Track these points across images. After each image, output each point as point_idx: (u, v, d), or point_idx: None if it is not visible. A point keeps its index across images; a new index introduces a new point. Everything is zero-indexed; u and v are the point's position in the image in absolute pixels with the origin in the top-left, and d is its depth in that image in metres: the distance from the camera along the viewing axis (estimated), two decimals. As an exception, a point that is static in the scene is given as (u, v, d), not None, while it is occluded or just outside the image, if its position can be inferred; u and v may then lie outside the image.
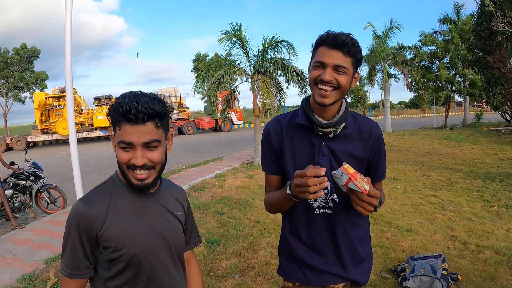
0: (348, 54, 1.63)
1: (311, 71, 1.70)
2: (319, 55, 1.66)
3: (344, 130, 1.79)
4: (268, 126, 1.93)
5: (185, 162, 14.43)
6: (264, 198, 2.01)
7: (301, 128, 1.82)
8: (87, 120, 27.56)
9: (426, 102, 65.42)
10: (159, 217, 1.55)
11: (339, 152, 1.79)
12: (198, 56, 46.82)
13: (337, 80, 1.63)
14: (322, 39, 1.66)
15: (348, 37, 1.63)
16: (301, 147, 1.82)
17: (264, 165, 1.96)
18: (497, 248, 5.21)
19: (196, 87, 13.07)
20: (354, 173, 1.52)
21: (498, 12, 7.70)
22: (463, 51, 24.12)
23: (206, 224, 6.38)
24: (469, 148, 16.54)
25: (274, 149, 1.89)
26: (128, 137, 1.38)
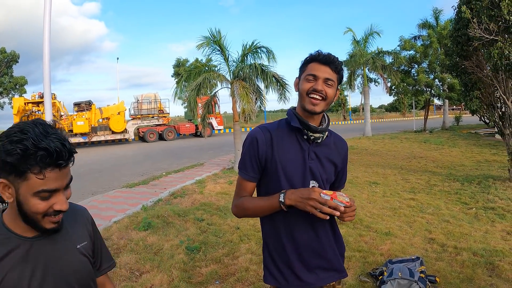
0: (335, 70, 1.88)
1: (302, 84, 1.90)
2: (311, 69, 1.87)
3: (326, 138, 2.00)
4: (255, 134, 1.97)
5: (165, 168, 14.33)
6: (235, 201, 2.05)
7: (290, 134, 1.96)
8: (66, 126, 27.10)
9: (406, 105, 66.17)
10: (57, 261, 1.36)
11: (322, 157, 1.98)
12: (179, 61, 46.64)
13: (325, 91, 1.85)
14: (314, 57, 1.90)
15: (336, 57, 1.90)
16: (292, 153, 1.94)
17: (243, 171, 2.00)
18: (474, 249, 5.25)
19: (176, 93, 12.98)
20: (333, 193, 1.72)
21: (475, 19, 7.81)
22: (441, 55, 24.47)
23: (186, 231, 6.31)
24: (448, 151, 16.76)
25: (259, 158, 1.95)
26: (53, 184, 1.21)
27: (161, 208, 7.68)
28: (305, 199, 1.72)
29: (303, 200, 1.74)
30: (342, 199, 1.70)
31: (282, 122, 2.02)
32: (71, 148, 1.24)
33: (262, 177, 2.00)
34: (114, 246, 5.73)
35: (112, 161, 17.90)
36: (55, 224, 1.31)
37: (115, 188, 10.71)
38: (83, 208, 1.62)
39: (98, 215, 7.72)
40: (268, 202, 1.87)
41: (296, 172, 1.92)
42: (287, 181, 1.91)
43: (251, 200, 1.97)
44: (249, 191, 2.02)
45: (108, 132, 28.38)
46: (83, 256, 1.46)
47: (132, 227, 6.56)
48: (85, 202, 8.96)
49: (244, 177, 2.00)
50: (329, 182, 2.03)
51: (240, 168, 2.02)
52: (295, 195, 1.77)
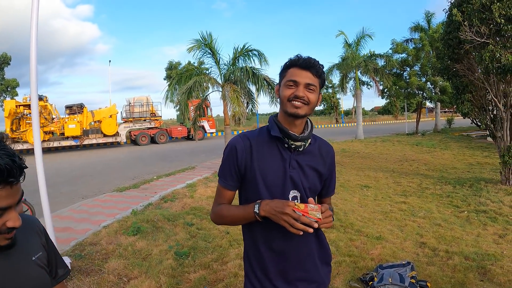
0: (316, 75, 1.81)
1: (283, 90, 1.84)
2: (292, 75, 1.81)
3: (309, 146, 1.93)
4: (235, 143, 1.93)
5: (156, 171, 14.23)
6: (214, 208, 2.01)
7: (271, 143, 1.90)
8: (58, 129, 26.91)
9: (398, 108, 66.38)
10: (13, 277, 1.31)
11: (305, 165, 1.91)
12: (171, 64, 46.56)
13: (307, 97, 1.79)
14: (294, 62, 1.83)
15: (316, 61, 1.83)
16: (272, 161, 1.88)
17: (222, 179, 1.97)
18: (466, 253, 5.22)
19: (167, 96, 12.90)
20: (305, 207, 1.65)
21: (466, 22, 7.80)
22: (433, 58, 24.57)
23: (176, 236, 6.23)
24: (440, 153, 16.79)
25: (238, 166, 1.90)
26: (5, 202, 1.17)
27: (151, 213, 7.60)
28: (278, 212, 1.68)
29: (276, 213, 1.69)
30: (313, 215, 1.64)
31: (263, 129, 1.97)
32: (21, 164, 1.19)
33: (242, 185, 1.96)
34: (102, 251, 5.64)
35: (103, 164, 17.73)
36: (9, 240, 1.26)
37: (106, 192, 10.60)
38: (34, 218, 1.56)
39: (87, 219, 7.64)
40: (244, 212, 1.84)
41: (276, 182, 1.87)
42: (267, 190, 1.87)
43: (228, 209, 1.94)
44: (228, 199, 1.98)
45: (100, 135, 28.16)
46: (39, 267, 1.42)
47: (121, 232, 6.48)
48: (75, 206, 8.88)
49: (223, 185, 1.96)
50: (313, 191, 1.98)
51: (219, 176, 1.99)
52: (269, 207, 1.73)
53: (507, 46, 7.73)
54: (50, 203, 9.39)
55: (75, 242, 6.17)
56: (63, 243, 6.15)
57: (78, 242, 6.14)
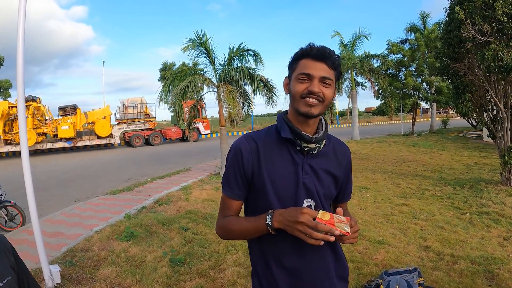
0: (332, 66, 1.59)
1: (294, 85, 1.61)
2: (304, 67, 1.58)
3: (324, 147, 1.72)
4: (239, 145, 1.70)
5: (150, 173, 14.00)
6: (219, 222, 1.78)
7: (281, 145, 1.68)
8: (51, 130, 26.59)
9: (393, 109, 66.43)
10: None
11: (319, 170, 1.70)
12: (165, 65, 46.35)
13: (323, 93, 1.57)
14: (306, 52, 1.60)
15: (332, 50, 1.60)
16: (282, 166, 1.66)
17: (227, 188, 1.73)
18: (472, 257, 5.07)
19: (161, 97, 12.66)
20: (331, 218, 1.44)
21: (469, 20, 7.64)
22: (429, 59, 24.51)
23: (171, 241, 6.01)
24: (437, 154, 16.66)
25: (245, 172, 1.68)
26: None
27: (145, 217, 7.38)
28: (292, 222, 1.47)
29: (290, 223, 1.48)
30: (341, 228, 1.42)
31: (271, 130, 1.74)
32: None
33: (250, 194, 1.73)
34: (94, 258, 5.42)
35: (97, 166, 17.50)
36: None
37: (99, 195, 10.37)
38: (1, 236, 1.37)
39: (79, 224, 7.42)
40: (254, 224, 1.61)
41: (288, 190, 1.64)
42: (278, 199, 1.64)
43: (236, 221, 1.71)
44: (235, 210, 1.75)
45: (94, 137, 27.88)
46: None
47: (114, 237, 6.25)
48: (67, 210, 8.64)
49: (228, 195, 1.73)
50: (329, 197, 1.77)
51: (223, 185, 1.75)
52: (283, 217, 1.51)
53: (510, 45, 7.57)
54: (42, 206, 9.35)
55: (66, 248, 5.95)
56: (53, 249, 5.94)
57: (69, 248, 5.92)
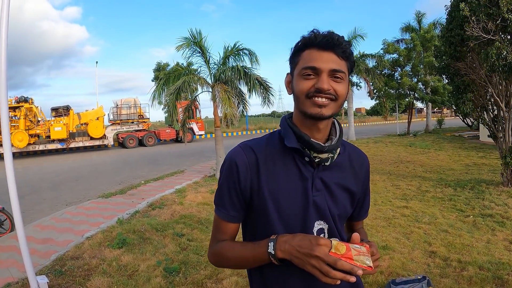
0: (343, 56, 1.30)
1: (298, 83, 1.32)
2: (309, 59, 1.29)
3: (338, 156, 1.41)
4: (235, 156, 1.40)
5: (144, 176, 13.74)
6: (212, 247, 1.49)
7: (286, 156, 1.38)
8: (44, 132, 26.26)
9: (388, 109, 66.44)
10: None
11: (333, 185, 1.40)
12: (159, 65, 45.99)
13: (334, 89, 1.28)
14: (310, 40, 1.31)
15: (341, 37, 1.31)
16: (288, 182, 1.36)
17: (220, 209, 1.44)
18: (480, 263, 4.86)
19: (154, 97, 12.42)
20: (347, 251, 1.16)
21: (473, 17, 7.46)
22: (425, 58, 24.40)
23: (165, 248, 5.75)
24: (435, 154, 16.49)
25: (241, 189, 1.38)
26: None
27: (137, 222, 7.12)
28: (305, 255, 1.19)
29: (301, 255, 1.20)
30: (361, 262, 1.15)
31: (274, 136, 1.45)
32: None
33: (248, 215, 1.45)
34: (85, 267, 5.16)
35: (89, 168, 17.22)
36: None
37: (91, 198, 10.10)
38: None
39: (70, 229, 7.15)
40: (254, 253, 1.32)
41: (295, 211, 1.36)
42: (282, 223, 1.36)
43: (232, 248, 1.41)
44: (230, 234, 1.46)
45: (87, 138, 27.57)
46: None
47: (105, 244, 5.98)
48: (57, 214, 8.36)
49: (222, 217, 1.44)
50: (344, 217, 1.49)
51: (216, 204, 1.45)
52: (289, 246, 1.23)
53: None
54: (32, 210, 9.09)
55: (55, 256, 5.68)
56: (42, 257, 5.69)
57: (58, 256, 5.65)
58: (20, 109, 24.60)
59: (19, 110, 24.54)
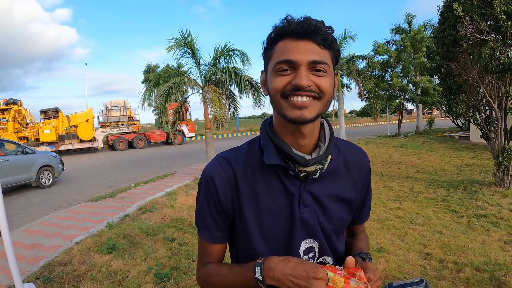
0: (324, 44, 1.08)
1: (272, 80, 1.11)
2: (283, 52, 1.08)
3: (330, 163, 1.22)
4: (210, 171, 1.24)
5: (134, 178, 13.57)
6: (199, 272, 1.34)
7: (268, 169, 1.20)
8: (33, 134, 25.97)
9: (378, 110, 66.66)
10: None
11: (324, 197, 1.22)
12: (149, 67, 45.91)
13: (317, 84, 1.07)
14: (283, 29, 1.09)
15: (320, 21, 1.08)
16: (270, 199, 1.20)
17: (203, 231, 1.30)
18: (476, 264, 4.82)
19: (144, 99, 12.31)
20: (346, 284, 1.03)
21: (467, 17, 7.44)
22: (416, 60, 24.49)
23: (155, 253, 5.62)
24: (426, 155, 16.50)
25: (222, 207, 1.23)
26: None
27: (128, 226, 6.98)
28: (301, 282, 1.04)
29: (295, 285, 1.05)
30: None
31: (253, 146, 1.27)
32: None
33: (233, 234, 1.31)
34: (74, 273, 5.02)
35: (79, 171, 17.01)
36: None
37: (80, 202, 9.93)
38: None
39: (59, 234, 7.00)
40: (241, 278, 1.18)
41: (279, 231, 1.21)
42: (266, 243, 1.22)
43: (217, 271, 1.26)
44: (217, 256, 1.32)
45: (76, 141, 27.29)
46: None
47: (95, 249, 5.84)
48: (46, 218, 8.20)
49: (205, 239, 1.30)
50: (340, 230, 1.35)
51: (198, 226, 1.31)
52: (281, 274, 1.07)
53: (507, 44, 7.38)
54: (21, 214, 8.93)
55: (43, 261, 5.53)
56: (30, 263, 5.54)
57: (47, 261, 5.51)
58: (8, 111, 24.33)
59: (8, 113, 24.28)
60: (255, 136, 1.30)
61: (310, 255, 1.23)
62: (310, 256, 1.24)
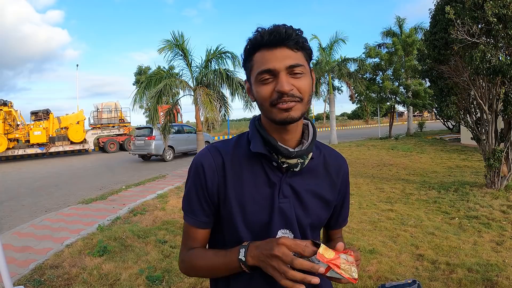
0: (297, 47, 1.19)
1: (257, 90, 1.21)
2: (261, 62, 1.18)
3: (309, 161, 1.31)
4: (201, 159, 1.31)
5: (125, 181, 13.51)
6: (182, 255, 1.38)
7: (253, 159, 1.30)
8: (23, 136, 25.80)
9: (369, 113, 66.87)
10: None
11: (303, 192, 1.31)
12: (140, 69, 45.80)
13: (297, 87, 1.17)
14: (257, 41, 1.19)
15: (289, 27, 1.19)
16: (254, 188, 1.28)
17: (189, 215, 1.34)
18: (468, 265, 4.83)
19: (135, 101, 12.26)
20: (336, 257, 1.06)
21: (459, 20, 7.49)
22: (407, 62, 24.63)
23: (147, 256, 5.57)
24: (417, 157, 16.56)
25: (209, 194, 1.29)
26: None
27: (119, 228, 6.93)
28: (266, 256, 1.09)
29: (265, 258, 1.10)
30: (348, 272, 1.05)
31: (242, 139, 1.36)
32: None
33: (217, 221, 1.35)
34: (65, 276, 4.97)
35: (69, 173, 16.91)
36: None
37: (71, 204, 9.86)
38: None
39: (49, 236, 6.94)
40: (225, 260, 1.23)
41: (260, 218, 1.27)
42: (248, 230, 1.28)
43: (202, 255, 1.31)
44: (201, 241, 1.36)
45: (67, 143, 27.17)
46: None
47: (86, 252, 5.78)
48: (36, 221, 8.13)
49: (191, 223, 1.34)
50: (316, 226, 1.38)
51: (185, 211, 1.35)
52: (258, 251, 1.13)
53: (498, 47, 7.44)
54: (11, 217, 8.87)
55: (34, 264, 5.47)
56: (21, 266, 5.47)
57: (37, 264, 5.44)
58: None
59: (-3, 114, 24.11)
60: (243, 132, 1.39)
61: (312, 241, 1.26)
62: None
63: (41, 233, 7.22)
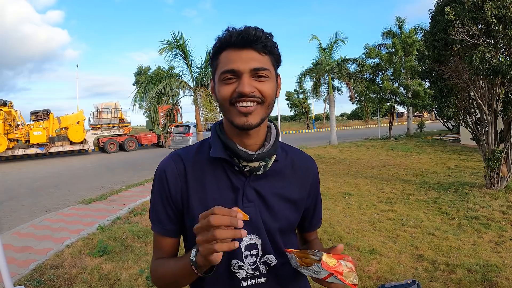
0: (264, 51, 1.18)
1: (219, 89, 1.19)
2: (226, 62, 1.17)
3: (275, 164, 1.30)
4: (164, 166, 1.30)
5: (125, 181, 13.52)
6: (151, 266, 1.35)
7: (215, 165, 1.28)
8: (23, 136, 25.79)
9: (369, 113, 66.91)
10: None
11: (269, 194, 1.28)
12: (140, 69, 45.82)
13: (259, 90, 1.16)
14: (225, 40, 1.18)
15: (259, 29, 1.18)
16: (216, 193, 1.25)
17: (155, 223, 1.32)
18: (468, 265, 4.84)
19: (135, 101, 12.27)
20: (338, 265, 1.06)
21: (459, 21, 7.49)
22: (407, 63, 24.64)
23: (147, 255, 5.58)
24: (417, 158, 16.58)
25: (172, 200, 1.27)
26: None
27: (119, 228, 6.94)
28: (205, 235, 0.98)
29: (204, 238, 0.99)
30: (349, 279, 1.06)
31: (204, 145, 1.35)
32: None
33: (184, 229, 1.32)
34: (65, 276, 4.98)
35: (69, 173, 16.91)
36: None
37: (71, 204, 9.86)
38: None
39: (49, 237, 6.95)
40: (180, 265, 1.17)
41: None
42: None
43: (165, 264, 1.28)
44: (168, 250, 1.33)
45: (67, 143, 27.16)
46: None
47: (86, 252, 5.79)
48: (36, 221, 8.13)
49: (157, 231, 1.32)
50: (288, 230, 1.36)
51: (152, 220, 1.33)
52: None
53: (498, 47, 7.44)
54: (11, 217, 8.87)
55: (34, 264, 5.48)
56: (21, 266, 5.48)
57: (37, 264, 5.45)
58: (-2, 112, 24.14)
59: (-5, 114, 24.10)
60: (206, 137, 1.38)
61: (253, 252, 1.25)
62: (253, 254, 1.26)
63: (41, 233, 7.23)
